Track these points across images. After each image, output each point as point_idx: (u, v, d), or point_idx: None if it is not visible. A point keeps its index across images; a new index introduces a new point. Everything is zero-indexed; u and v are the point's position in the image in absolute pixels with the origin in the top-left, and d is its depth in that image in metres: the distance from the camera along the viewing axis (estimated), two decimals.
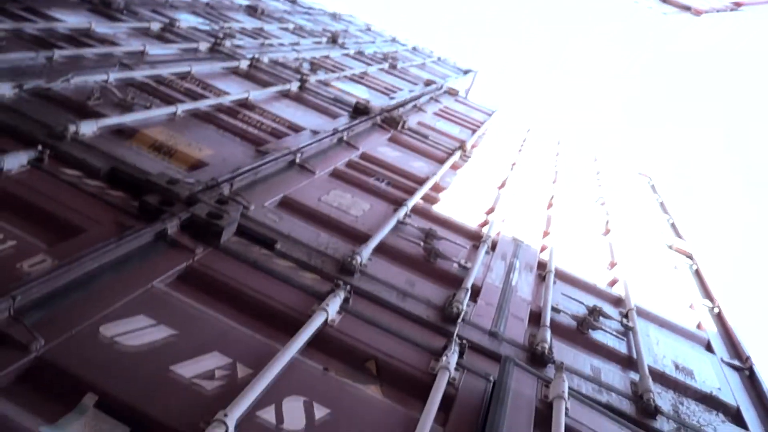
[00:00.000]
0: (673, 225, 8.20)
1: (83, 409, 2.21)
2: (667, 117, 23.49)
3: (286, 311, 3.08)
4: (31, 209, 3.15)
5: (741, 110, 22.94)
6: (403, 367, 3.00)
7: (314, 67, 8.30)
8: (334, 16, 13.86)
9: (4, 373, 2.20)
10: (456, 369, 3.08)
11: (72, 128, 3.88)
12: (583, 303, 4.59)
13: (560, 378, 3.10)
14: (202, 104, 5.28)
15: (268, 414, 2.40)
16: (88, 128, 4.01)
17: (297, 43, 9.37)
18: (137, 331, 2.59)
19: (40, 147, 3.56)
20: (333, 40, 10.55)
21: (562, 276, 4.94)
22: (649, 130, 23.18)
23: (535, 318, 4.07)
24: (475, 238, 4.87)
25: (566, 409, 2.94)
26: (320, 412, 2.52)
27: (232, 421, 2.21)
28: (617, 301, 4.98)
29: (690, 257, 7.02)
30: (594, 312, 4.40)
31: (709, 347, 4.88)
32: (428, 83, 10.09)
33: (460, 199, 5.68)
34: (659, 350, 4.43)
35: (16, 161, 3.42)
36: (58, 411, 2.19)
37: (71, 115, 4.22)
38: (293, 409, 2.48)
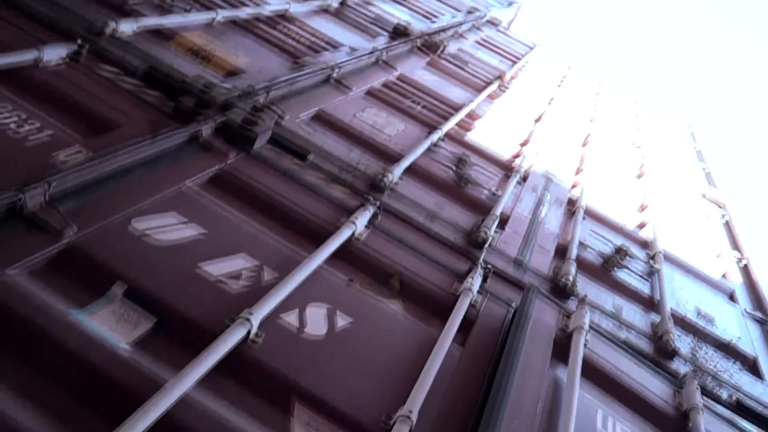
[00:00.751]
0: (708, 174, 8.07)
1: (112, 297, 2.26)
2: (716, 64, 22.84)
3: (314, 222, 3.09)
4: (67, 102, 3.15)
5: None
6: (426, 286, 3.02)
7: None
8: None
9: (37, 256, 2.24)
10: (478, 293, 3.09)
11: (111, 25, 3.85)
12: (610, 242, 4.58)
13: (582, 310, 3.10)
14: (242, 12, 5.21)
15: (291, 317, 2.44)
16: (127, 27, 3.98)
17: None
18: (167, 228, 2.62)
19: (79, 41, 3.55)
20: None
21: (591, 214, 4.91)
22: (694, 77, 22.59)
23: (561, 252, 4.06)
24: (507, 169, 4.84)
25: (585, 341, 2.95)
26: (342, 320, 2.55)
27: (255, 320, 2.25)
28: (644, 244, 4.94)
29: (722, 207, 6.94)
30: (620, 251, 4.38)
31: (732, 297, 4.86)
32: (471, 11, 9.86)
33: (494, 129, 5.62)
34: (682, 295, 4.42)
35: (55, 54, 3.41)
36: (88, 297, 2.23)
37: (111, 12, 4.18)
38: (316, 315, 2.51)
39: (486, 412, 2.25)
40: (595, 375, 2.90)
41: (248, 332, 2.22)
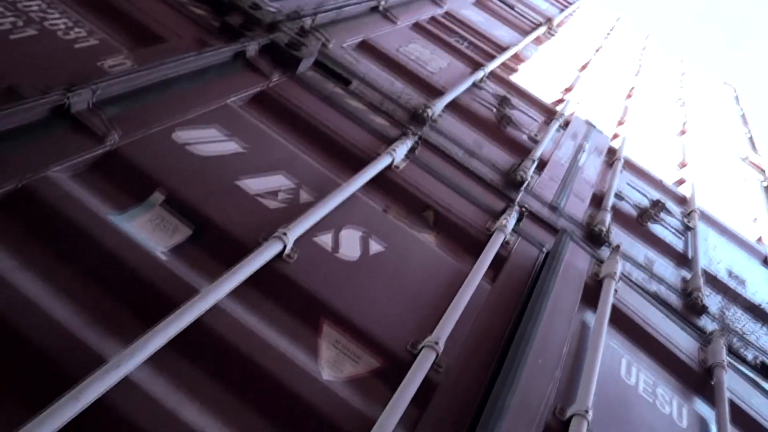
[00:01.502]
0: (750, 139, 7.88)
1: (151, 204, 2.26)
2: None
3: (353, 149, 3.06)
4: (116, 11, 3.11)
5: None
6: (460, 221, 2.99)
7: None
8: None
9: (80, 158, 2.24)
10: (512, 233, 3.06)
11: None
12: (647, 195, 4.50)
13: (614, 258, 3.06)
14: None
15: (325, 239, 2.43)
16: None
17: None
18: (209, 141, 2.60)
19: None
20: None
21: (630, 166, 4.82)
22: (743, 39, 21.87)
23: (597, 201, 4.00)
24: (549, 114, 4.74)
25: (615, 289, 2.92)
26: (375, 247, 2.54)
27: (290, 238, 2.24)
28: (681, 201, 4.85)
29: (762, 172, 6.78)
30: (657, 205, 4.31)
31: (766, 262, 4.78)
32: None
33: (538, 74, 5.50)
34: (715, 255, 4.35)
35: None
36: (128, 202, 2.23)
37: None
38: (350, 239, 2.50)
39: (513, 348, 2.24)
40: (622, 323, 2.87)
41: (283, 249, 2.22)
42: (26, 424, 1.44)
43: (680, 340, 3.02)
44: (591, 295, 2.87)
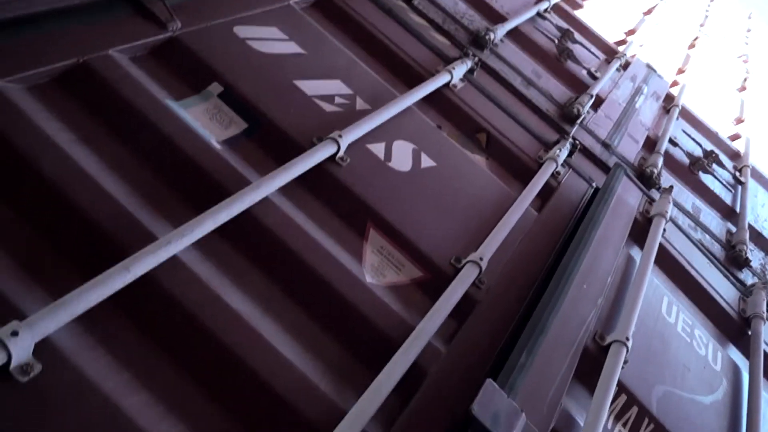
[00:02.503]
0: None
1: (207, 95, 2.23)
2: None
3: (411, 63, 2.98)
4: None
5: None
6: (512, 147, 2.92)
7: None
8: None
9: (140, 43, 2.21)
10: (562, 165, 2.99)
11: None
12: (700, 145, 4.36)
13: (666, 198, 2.98)
14: None
15: (377, 148, 2.38)
16: None
17: None
18: (268, 41, 2.54)
19: None
20: None
21: (686, 115, 4.66)
22: None
23: (650, 144, 3.89)
24: (610, 53, 4.58)
25: (664, 230, 2.85)
26: (426, 162, 2.49)
27: (344, 143, 2.20)
28: (734, 155, 4.70)
29: None
30: (709, 156, 4.18)
31: None
32: None
33: (603, 12, 5.30)
34: (762, 212, 4.23)
35: None
36: (185, 91, 2.20)
37: None
38: (402, 151, 2.45)
39: (559, 270, 2.19)
40: (666, 263, 2.81)
41: (336, 151, 2.18)
42: (77, 290, 1.45)
43: (721, 288, 2.95)
44: (639, 231, 2.79)
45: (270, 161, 2.12)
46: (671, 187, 3.14)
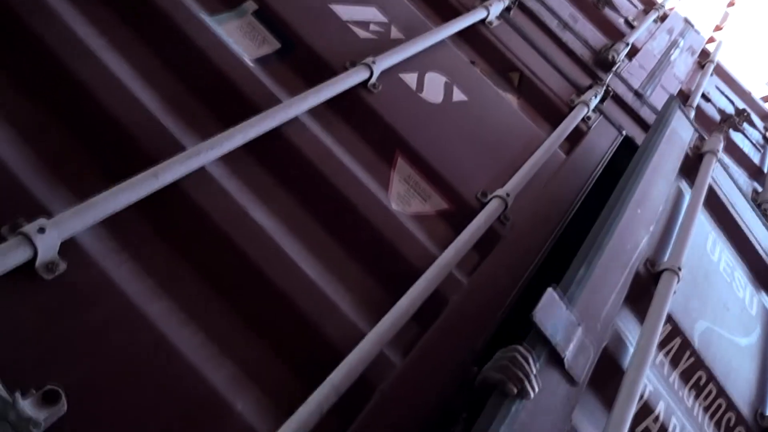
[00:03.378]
0: None
1: (242, 12, 2.16)
2: None
3: None
4: None
5: None
6: (544, 89, 2.84)
7: None
8: None
9: None
10: (593, 111, 2.90)
11: None
12: (733, 103, 4.24)
13: (718, 137, 2.84)
14: None
15: (410, 78, 2.32)
16: None
17: None
18: None
19: None
20: None
21: (720, 72, 4.53)
22: None
23: (683, 98, 3.78)
24: (648, 4, 4.42)
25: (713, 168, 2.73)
26: (458, 96, 2.42)
27: (377, 69, 2.14)
28: (766, 116, 4.57)
29: None
30: (741, 114, 4.07)
31: None
32: None
33: None
34: None
35: None
36: (220, 6, 2.14)
37: None
38: (434, 83, 2.37)
39: (616, 192, 2.07)
40: (712, 202, 2.68)
41: (368, 78, 2.12)
42: (105, 192, 1.42)
43: (761, 235, 2.85)
44: (689, 167, 2.67)
45: (301, 83, 2.06)
46: (723, 125, 3.02)
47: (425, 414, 1.57)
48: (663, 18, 4.42)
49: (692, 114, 3.46)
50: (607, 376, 1.64)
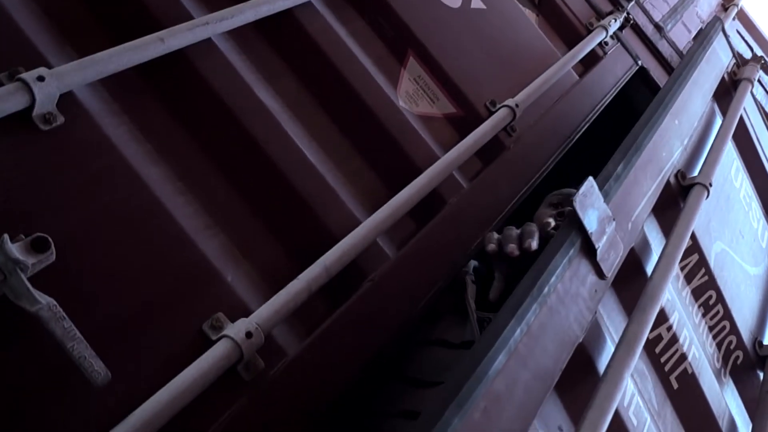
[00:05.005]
0: None
1: None
2: None
3: None
4: None
5: None
6: (564, 8, 2.72)
7: None
8: None
9: None
10: (611, 37, 2.81)
11: None
12: (751, 49, 4.12)
13: (754, 67, 2.73)
14: None
15: None
16: None
17: None
18: None
19: None
20: None
21: (742, 17, 4.37)
22: None
23: None
24: None
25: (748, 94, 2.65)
26: (476, 3, 2.31)
27: None
28: None
29: None
30: (758, 59, 3.93)
31: None
32: None
33: None
34: None
35: None
36: None
37: None
38: None
39: (658, 97, 2.00)
40: (738, 133, 2.61)
41: None
42: (109, 50, 1.36)
43: None
44: (723, 91, 2.59)
45: None
46: (762, 56, 2.92)
47: (413, 305, 1.56)
48: None
49: None
50: (630, 279, 1.60)
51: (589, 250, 1.35)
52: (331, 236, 1.50)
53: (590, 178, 1.37)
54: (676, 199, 1.93)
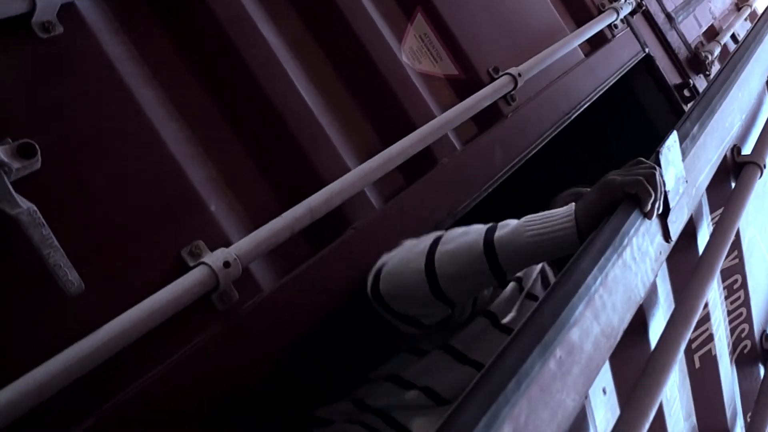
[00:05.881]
0: None
1: None
2: None
3: None
4: None
5: None
6: None
7: None
8: None
9: None
10: (621, 21, 2.78)
11: None
12: None
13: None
14: None
15: None
16: None
17: None
18: None
19: None
20: None
21: (755, 18, 4.35)
22: None
23: (712, 33, 3.64)
24: None
25: None
26: None
27: None
28: None
29: None
30: None
31: None
32: None
33: None
34: None
35: None
36: None
37: None
38: None
39: (726, 69, 1.93)
40: None
41: None
42: None
43: None
44: None
45: None
46: None
47: None
48: None
49: (718, 50, 3.33)
50: (680, 248, 1.46)
51: (662, 208, 1.24)
52: (319, 179, 1.50)
53: (675, 132, 1.27)
54: (727, 175, 1.86)
